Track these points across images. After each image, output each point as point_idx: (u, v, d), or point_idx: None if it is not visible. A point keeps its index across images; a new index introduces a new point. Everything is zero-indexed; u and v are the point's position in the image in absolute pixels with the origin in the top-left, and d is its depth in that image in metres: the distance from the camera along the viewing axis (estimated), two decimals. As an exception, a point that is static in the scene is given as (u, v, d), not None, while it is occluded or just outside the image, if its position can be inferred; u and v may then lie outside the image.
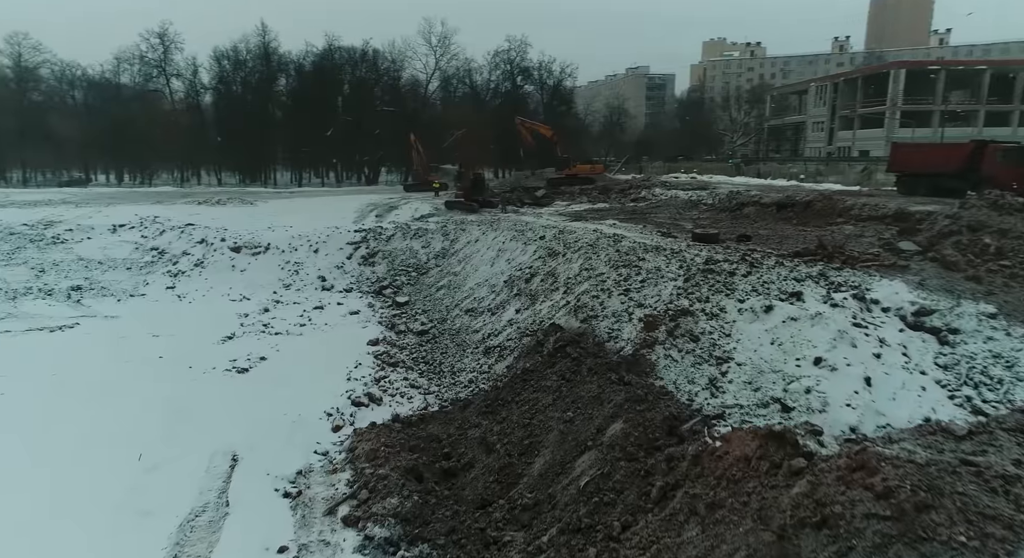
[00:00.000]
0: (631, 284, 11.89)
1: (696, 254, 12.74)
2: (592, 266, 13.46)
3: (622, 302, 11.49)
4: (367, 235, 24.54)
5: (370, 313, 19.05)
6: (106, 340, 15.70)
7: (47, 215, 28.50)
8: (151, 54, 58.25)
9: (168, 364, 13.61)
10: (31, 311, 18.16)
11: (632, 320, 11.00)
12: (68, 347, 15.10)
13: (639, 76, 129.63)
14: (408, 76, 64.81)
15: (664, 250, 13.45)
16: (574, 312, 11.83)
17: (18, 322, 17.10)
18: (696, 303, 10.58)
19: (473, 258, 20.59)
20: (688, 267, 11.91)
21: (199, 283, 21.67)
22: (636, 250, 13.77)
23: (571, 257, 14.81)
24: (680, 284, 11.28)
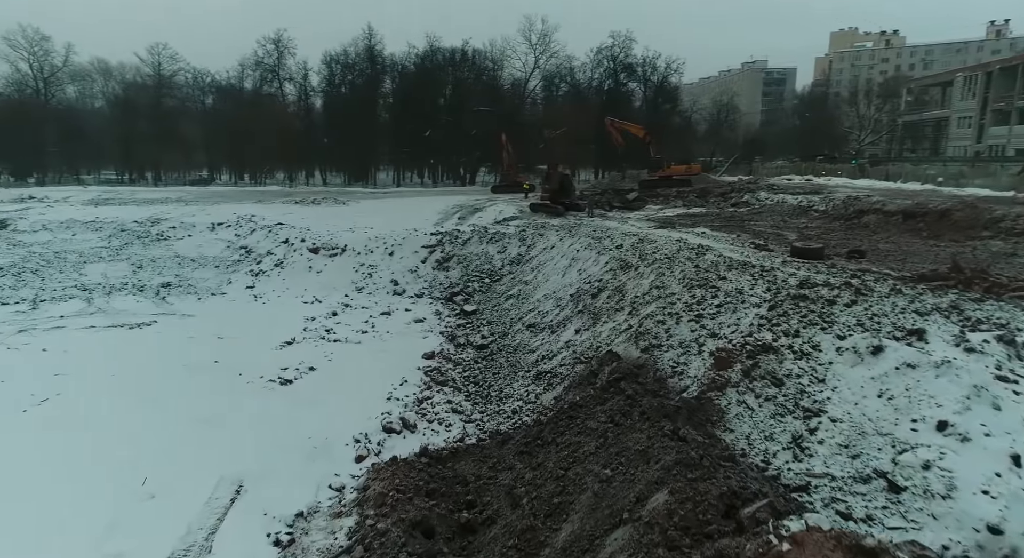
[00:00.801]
0: (705, 308, 10.04)
1: (790, 274, 10.64)
2: (663, 284, 11.68)
3: (692, 330, 9.69)
4: (443, 238, 23.84)
5: (435, 321, 18.22)
6: (173, 340, 15.89)
7: (157, 213, 30.35)
8: (267, 60, 61.67)
9: (219, 370, 13.36)
10: (119, 307, 18.94)
11: (701, 353, 9.20)
12: (137, 346, 15.39)
13: (755, 71, 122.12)
14: (507, 75, 64.40)
15: (751, 267, 11.41)
16: (635, 338, 10.16)
17: (105, 318, 17.82)
18: (782, 337, 8.62)
19: (546, 266, 19.22)
20: (777, 290, 9.89)
21: (276, 283, 21.89)
22: (718, 266, 11.82)
23: (643, 271, 13.06)
24: (764, 312, 9.32)
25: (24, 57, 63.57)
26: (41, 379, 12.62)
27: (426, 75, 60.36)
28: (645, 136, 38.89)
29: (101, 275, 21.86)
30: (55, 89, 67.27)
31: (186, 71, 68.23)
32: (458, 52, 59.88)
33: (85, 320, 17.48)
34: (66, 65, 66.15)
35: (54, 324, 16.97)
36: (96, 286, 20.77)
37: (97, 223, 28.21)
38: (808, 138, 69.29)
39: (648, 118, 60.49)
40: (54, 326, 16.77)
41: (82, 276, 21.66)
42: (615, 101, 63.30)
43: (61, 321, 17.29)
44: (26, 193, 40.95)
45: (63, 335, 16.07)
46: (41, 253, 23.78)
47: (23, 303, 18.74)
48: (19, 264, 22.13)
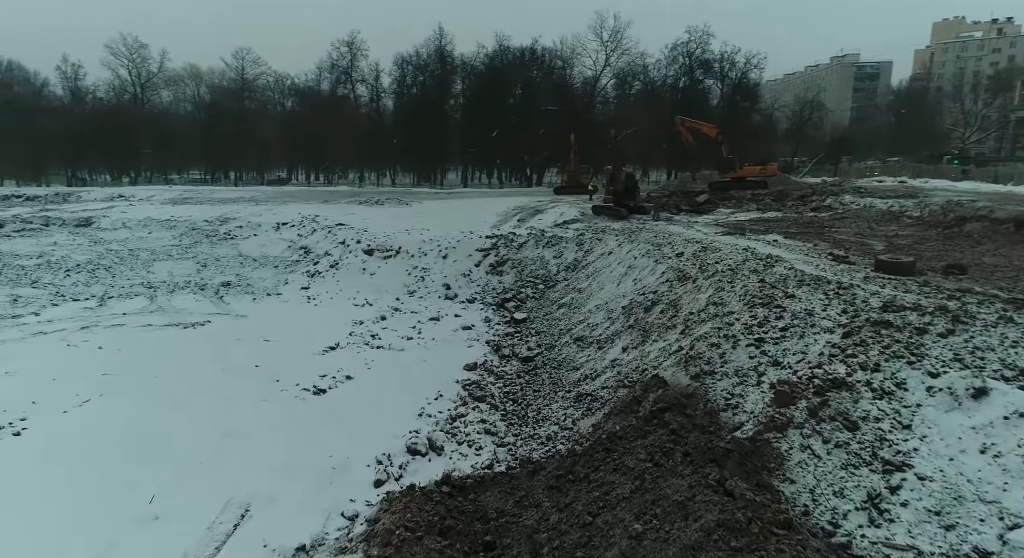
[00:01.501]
0: (767, 332, 8.77)
1: (872, 293, 9.19)
2: (722, 300, 10.43)
3: (750, 357, 8.47)
4: (498, 242, 23.14)
5: (484, 329, 17.52)
6: (221, 342, 15.92)
7: (227, 212, 31.32)
8: (340, 62, 63.23)
9: (256, 376, 13.17)
10: (179, 305, 19.33)
11: (760, 385, 7.98)
12: (185, 346, 15.50)
13: (846, 65, 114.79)
14: (577, 74, 63.20)
15: (826, 283, 10.00)
16: (685, 363, 9.01)
17: (163, 316, 18.18)
18: (859, 371, 7.33)
19: (601, 273, 18.13)
20: (855, 313, 8.51)
21: (331, 285, 21.85)
22: (787, 281, 10.45)
23: (701, 285, 11.81)
24: (838, 339, 7.99)
25: (124, 64, 68.06)
26: (90, 378, 12.78)
27: (495, 75, 60.02)
28: (718, 136, 36.83)
29: (167, 273, 22.52)
30: (151, 94, 71.72)
31: (267, 75, 71.13)
32: (527, 51, 59.19)
33: (145, 318, 17.88)
34: (161, 71, 70.39)
35: (115, 321, 17.44)
36: (161, 284, 21.38)
37: (171, 222, 29.38)
38: (904, 136, 64.16)
39: (725, 117, 57.75)
40: (115, 324, 17.22)
41: (150, 274, 22.39)
42: (690, 99, 60.81)
43: (123, 318, 17.75)
44: (117, 192, 43.49)
45: (121, 333, 16.44)
46: (117, 251, 24.85)
47: (92, 300, 19.43)
48: (95, 261, 23.14)
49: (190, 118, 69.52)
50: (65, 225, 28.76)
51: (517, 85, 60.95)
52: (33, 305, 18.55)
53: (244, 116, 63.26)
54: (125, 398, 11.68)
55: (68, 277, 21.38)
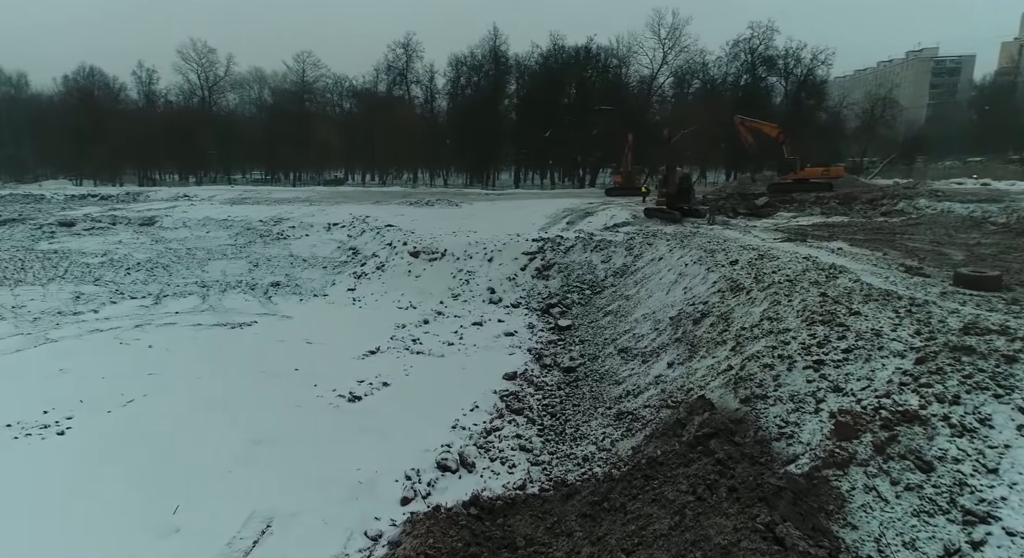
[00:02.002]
0: (827, 353, 7.95)
1: (951, 312, 8.23)
2: (778, 315, 9.59)
3: (808, 380, 7.68)
4: (544, 245, 22.60)
5: (526, 335, 17.06)
6: (265, 343, 16.03)
7: (282, 212, 31.96)
8: (396, 63, 64.06)
9: (294, 380, 13.12)
10: (229, 305, 19.67)
11: (819, 414, 7.21)
12: (230, 347, 15.65)
13: (923, 60, 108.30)
14: (633, 72, 61.91)
15: (897, 299, 9.05)
16: (735, 384, 8.28)
17: (212, 316, 18.52)
18: (934, 403, 6.49)
19: (650, 280, 17.35)
20: (930, 335, 7.60)
21: (376, 287, 21.84)
22: (852, 295, 9.54)
23: (756, 297, 10.97)
24: (909, 365, 7.13)
25: (193, 68, 71.01)
26: (137, 377, 13.02)
27: (549, 75, 59.43)
28: (779, 135, 35.14)
29: (220, 272, 23.04)
30: (218, 97, 74.58)
31: (327, 77, 72.80)
32: (582, 50, 58.28)
33: (195, 317, 18.25)
34: (227, 74, 73.10)
35: (168, 320, 17.85)
36: (214, 283, 21.87)
37: (228, 221, 30.18)
38: (988, 135, 59.90)
39: (789, 115, 55.30)
40: (167, 322, 17.63)
41: (204, 273, 22.96)
42: (752, 97, 58.57)
43: (175, 317, 18.17)
44: (182, 192, 45.23)
45: (172, 332, 16.80)
46: (175, 249, 25.65)
47: (149, 298, 20.01)
48: (154, 260, 23.93)
49: (253, 120, 71.82)
50: (130, 224, 29.96)
51: (571, 85, 60.12)
52: (94, 302, 19.24)
53: (303, 118, 64.83)
54: (166, 399, 11.79)
55: (128, 275, 22.15)
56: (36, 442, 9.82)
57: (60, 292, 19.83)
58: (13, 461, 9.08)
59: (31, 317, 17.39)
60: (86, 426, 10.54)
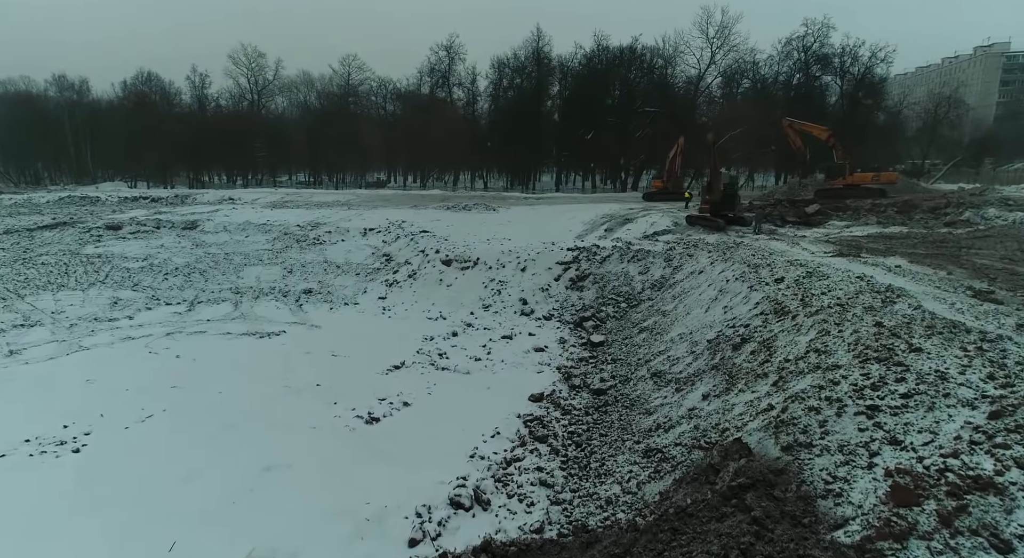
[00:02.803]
0: (883, 397, 7.03)
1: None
2: (826, 347, 8.66)
3: (860, 429, 6.78)
4: (579, 255, 21.83)
5: (557, 351, 16.39)
6: (291, 354, 15.81)
7: (319, 217, 32.08)
8: (439, 66, 64.18)
9: (315, 397, 12.80)
10: (259, 313, 19.63)
11: (872, 469, 6.32)
12: (256, 358, 15.50)
13: (993, 56, 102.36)
14: (680, 73, 60.37)
15: (965, 332, 8.03)
16: (776, 428, 7.43)
17: (242, 324, 18.48)
18: (1013, 469, 5.57)
19: (689, 295, 16.43)
20: (1006, 380, 6.64)
21: (407, 295, 21.50)
22: (911, 326, 8.54)
23: (802, 323, 10.03)
24: (982, 420, 6.18)
25: (243, 72, 72.77)
26: (160, 390, 12.93)
27: (593, 76, 58.43)
28: (829, 139, 33.47)
29: (255, 278, 23.11)
30: (267, 100, 76.25)
31: (371, 80, 73.59)
32: (626, 50, 57.06)
33: (226, 325, 18.24)
34: (276, 78, 74.66)
35: (198, 328, 17.88)
36: (248, 290, 21.92)
37: (267, 226, 30.44)
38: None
39: (845, 115, 52.96)
40: (197, 331, 17.65)
41: (239, 279, 23.07)
42: (805, 96, 56.29)
43: (206, 325, 18.20)
44: (227, 194, 46.23)
45: (201, 341, 16.78)
46: (214, 254, 25.92)
47: (183, 304, 20.17)
48: (192, 265, 24.20)
49: (299, 122, 73.07)
50: (174, 228, 30.53)
51: (615, 85, 58.94)
52: (130, 308, 19.48)
53: (347, 120, 65.56)
54: (185, 416, 11.60)
55: (166, 280, 22.42)
56: (50, 461, 9.69)
57: (99, 297, 20.17)
58: (21, 482, 8.94)
59: (68, 323, 17.66)
60: (101, 444, 10.39)
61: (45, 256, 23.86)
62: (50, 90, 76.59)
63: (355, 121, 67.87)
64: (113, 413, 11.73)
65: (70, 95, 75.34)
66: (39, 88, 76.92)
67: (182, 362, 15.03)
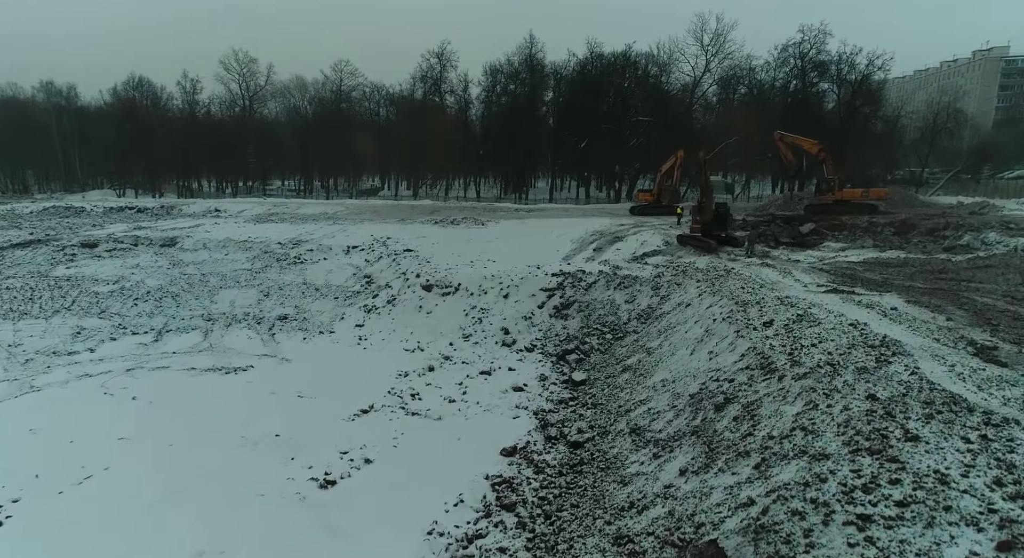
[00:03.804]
0: (875, 503, 6.20)
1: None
2: (814, 425, 7.84)
3: (849, 543, 5.94)
4: (564, 281, 20.99)
5: (537, 390, 15.60)
6: (254, 396, 15.06)
7: (303, 233, 31.23)
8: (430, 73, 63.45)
9: (275, 449, 12.07)
10: (229, 343, 18.83)
11: (863, 603, 5.49)
12: (217, 400, 14.77)
13: (992, 60, 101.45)
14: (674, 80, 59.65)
15: (967, 413, 7.24)
16: (754, 534, 6.59)
17: (209, 357, 17.69)
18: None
19: (675, 332, 15.62)
20: (1016, 490, 5.81)
21: (385, 323, 20.68)
22: (907, 402, 7.74)
23: (789, 388, 9.21)
24: (989, 553, 5.33)
25: (235, 78, 71.79)
26: (107, 442, 12.23)
27: (586, 83, 57.61)
28: (819, 153, 32.85)
29: (229, 303, 22.28)
30: (259, 106, 75.27)
31: (364, 86, 72.72)
32: (619, 57, 56.20)
33: (192, 359, 17.46)
34: (267, 84, 73.67)
35: (162, 362, 17.10)
36: (220, 316, 21.09)
37: (248, 243, 29.57)
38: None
39: (843, 123, 52.15)
40: (160, 366, 16.87)
41: (212, 304, 22.24)
42: (802, 104, 55.47)
43: (170, 358, 17.44)
44: (214, 205, 45.35)
45: (162, 379, 15.99)
46: (190, 275, 25.05)
47: (150, 334, 19.39)
48: (166, 288, 23.35)
49: (291, 126, 72.00)
50: (152, 245, 29.65)
51: (610, 93, 58.06)
52: (93, 339, 18.68)
53: (339, 125, 64.63)
54: (126, 478, 10.84)
55: (135, 306, 21.57)
56: (-35, 540, 8.88)
57: (62, 327, 19.35)
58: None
59: (24, 358, 16.88)
60: (28, 515, 9.64)
61: (12, 279, 23.00)
62: (38, 96, 75.78)
63: (347, 126, 66.95)
64: (51, 472, 10.97)
65: (58, 101, 74.43)
66: (26, 94, 76.15)
67: (137, 405, 14.24)
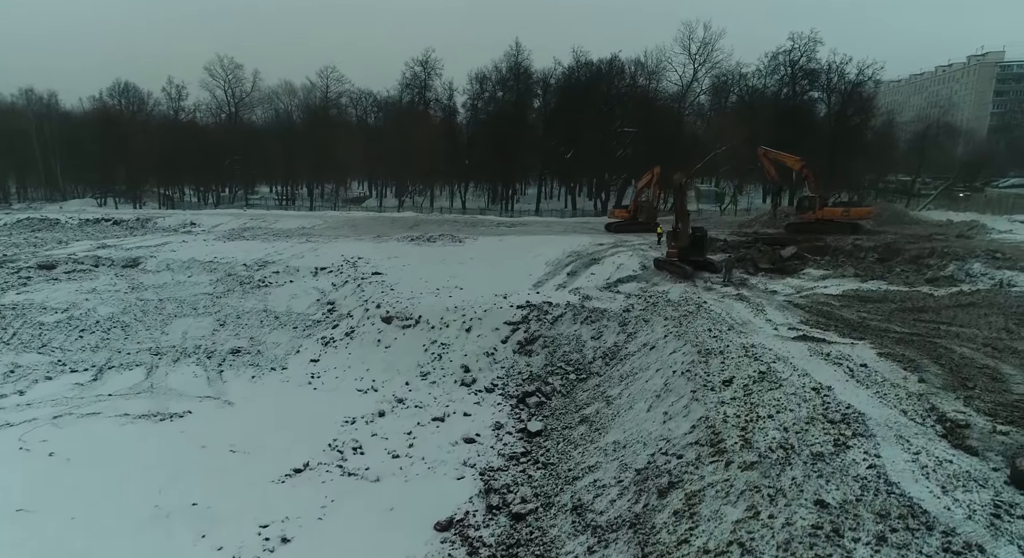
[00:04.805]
0: None
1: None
2: (752, 541, 6.86)
3: None
4: (530, 314, 19.99)
5: (490, 442, 14.65)
6: (182, 450, 14.05)
7: (273, 252, 30.20)
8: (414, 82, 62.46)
9: (187, 524, 11.11)
10: (172, 383, 17.84)
11: None
12: (141, 455, 13.69)
13: (987, 65, 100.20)
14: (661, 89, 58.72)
15: (926, 531, 6.31)
16: None
17: (147, 401, 16.70)
18: None
19: (637, 380, 14.66)
20: None
21: (341, 358, 19.68)
22: (859, 510, 6.79)
23: (734, 480, 8.24)
24: None
25: (220, 85, 70.49)
26: (4, 515, 11.18)
27: (573, 90, 56.54)
28: (802, 169, 31.96)
29: (182, 334, 21.24)
30: (245, 112, 73.99)
31: (351, 92, 71.64)
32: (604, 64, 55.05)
33: (126, 403, 16.45)
34: (254, 90, 72.39)
35: (94, 407, 16.11)
36: (169, 349, 20.05)
37: (213, 264, 28.56)
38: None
39: (834, 133, 51.13)
40: (91, 412, 15.88)
41: (164, 335, 21.20)
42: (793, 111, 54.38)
43: (104, 402, 16.43)
44: (191, 218, 44.17)
45: (88, 428, 15.00)
46: (147, 301, 24.00)
47: (90, 371, 18.39)
48: (117, 316, 22.30)
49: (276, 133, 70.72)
50: (114, 266, 28.60)
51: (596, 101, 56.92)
52: (27, 378, 17.69)
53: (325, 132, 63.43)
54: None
55: (80, 339, 20.52)
56: None
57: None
58: None
59: (-56, 405, 15.84)
60: None
61: (-46, 309, 21.98)
62: (17, 103, 74.44)
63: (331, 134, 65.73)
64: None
65: (39, 108, 73.16)
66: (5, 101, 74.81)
67: (52, 464, 13.25)
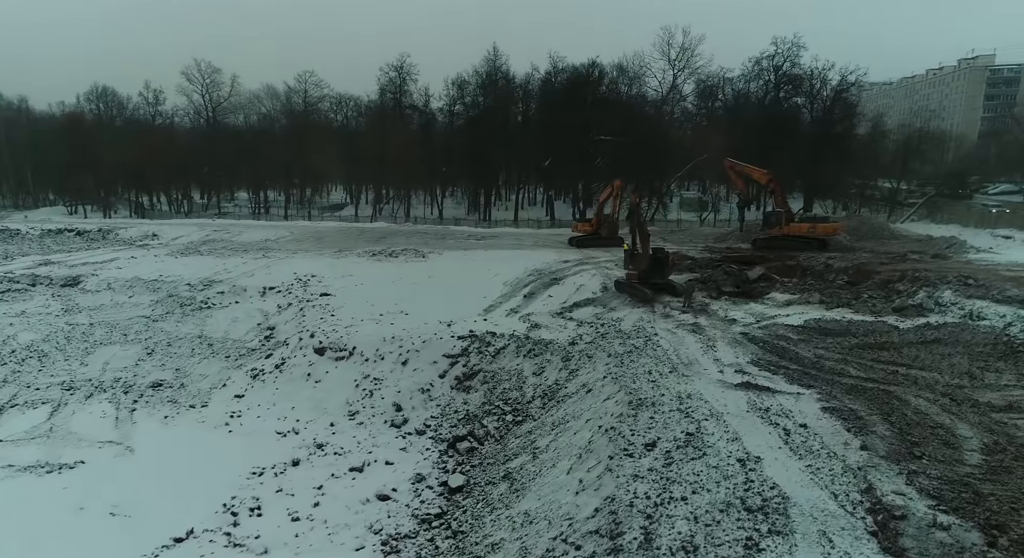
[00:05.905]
0: None
1: None
2: None
3: None
4: (471, 345, 18.67)
5: (406, 499, 13.38)
6: (54, 515, 12.68)
7: (219, 271, 28.87)
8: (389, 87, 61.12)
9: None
10: (74, 426, 16.49)
11: None
12: (7, 521, 12.29)
13: (977, 69, 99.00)
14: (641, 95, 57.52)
15: None
16: None
17: (38, 449, 15.36)
18: None
19: (566, 431, 13.35)
20: None
21: (268, 394, 18.31)
22: None
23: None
24: None
25: (198, 89, 68.90)
26: None
27: (551, 95, 55.27)
28: (769, 182, 30.79)
29: (102, 365, 19.89)
30: (224, 117, 72.35)
31: (330, 97, 70.20)
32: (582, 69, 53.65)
33: (16, 451, 15.13)
34: (232, 94, 70.83)
35: (-21, 457, 14.72)
36: (84, 384, 18.70)
37: (157, 283, 27.26)
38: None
39: (817, 141, 49.89)
40: (-26, 462, 14.48)
41: (83, 366, 19.86)
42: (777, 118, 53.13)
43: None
44: (152, 229, 42.79)
45: (-36, 484, 13.61)
46: (76, 325, 22.68)
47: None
48: (37, 344, 20.95)
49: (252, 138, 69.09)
50: (52, 285, 27.26)
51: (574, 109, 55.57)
52: (-82, 422, 16.29)
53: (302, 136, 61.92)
54: None
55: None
56: None
57: None
58: None
59: None
60: None
61: None
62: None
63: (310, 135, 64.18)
64: None
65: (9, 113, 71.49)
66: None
67: (-94, 534, 11.87)
